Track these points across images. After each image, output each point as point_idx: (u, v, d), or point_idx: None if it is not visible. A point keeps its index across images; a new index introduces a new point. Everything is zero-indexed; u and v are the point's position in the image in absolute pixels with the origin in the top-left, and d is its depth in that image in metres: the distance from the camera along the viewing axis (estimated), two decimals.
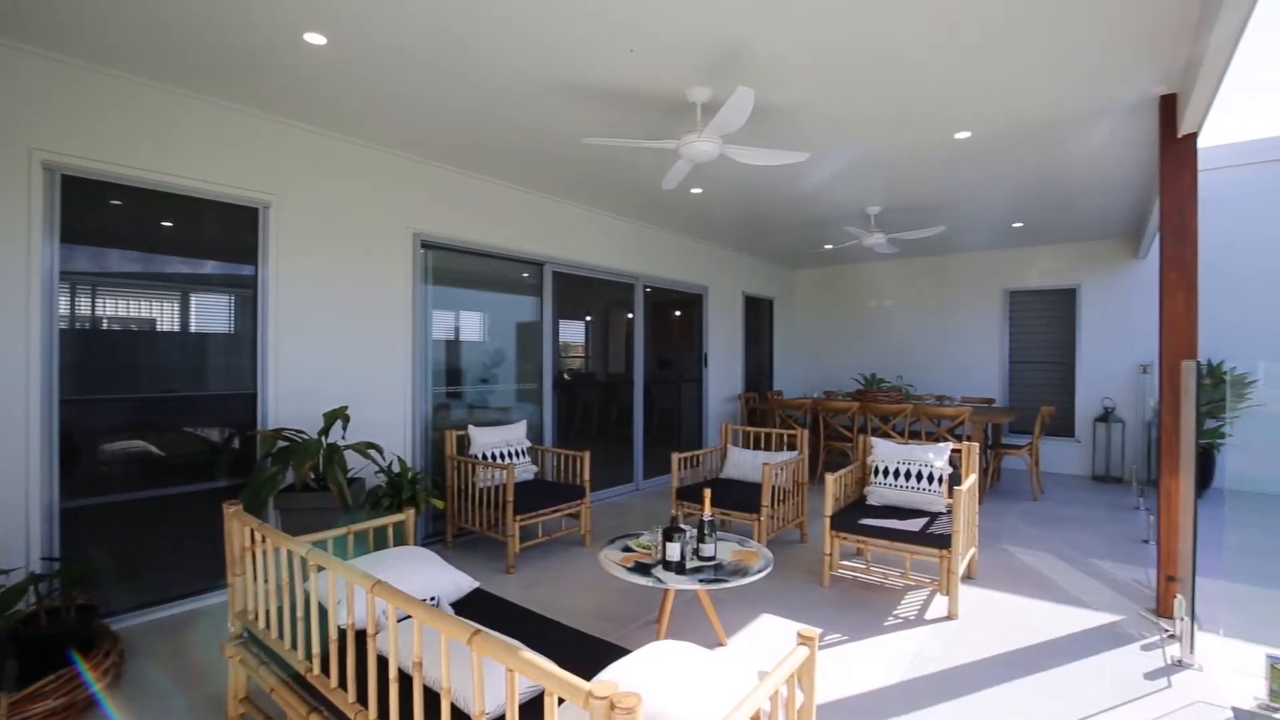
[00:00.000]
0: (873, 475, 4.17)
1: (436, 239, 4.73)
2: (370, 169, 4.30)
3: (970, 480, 3.79)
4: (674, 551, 2.91)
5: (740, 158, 3.57)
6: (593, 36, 2.86)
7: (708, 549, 3.00)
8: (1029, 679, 2.77)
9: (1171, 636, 3.13)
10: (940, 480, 3.93)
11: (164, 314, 3.62)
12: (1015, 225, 6.78)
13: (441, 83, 3.34)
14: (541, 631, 2.23)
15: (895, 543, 3.61)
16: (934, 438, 6.02)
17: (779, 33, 2.84)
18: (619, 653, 1.96)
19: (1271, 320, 6.45)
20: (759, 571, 2.93)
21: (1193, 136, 3.39)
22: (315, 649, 1.91)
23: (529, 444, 4.86)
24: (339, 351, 4.13)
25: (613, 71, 3.20)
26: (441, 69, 3.18)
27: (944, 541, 3.45)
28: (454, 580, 2.44)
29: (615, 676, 1.57)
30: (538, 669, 1.20)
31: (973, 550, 3.99)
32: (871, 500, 4.11)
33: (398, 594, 1.59)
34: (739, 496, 4.37)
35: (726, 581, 2.83)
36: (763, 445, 5.36)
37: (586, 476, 4.63)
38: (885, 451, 4.17)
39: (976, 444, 4.07)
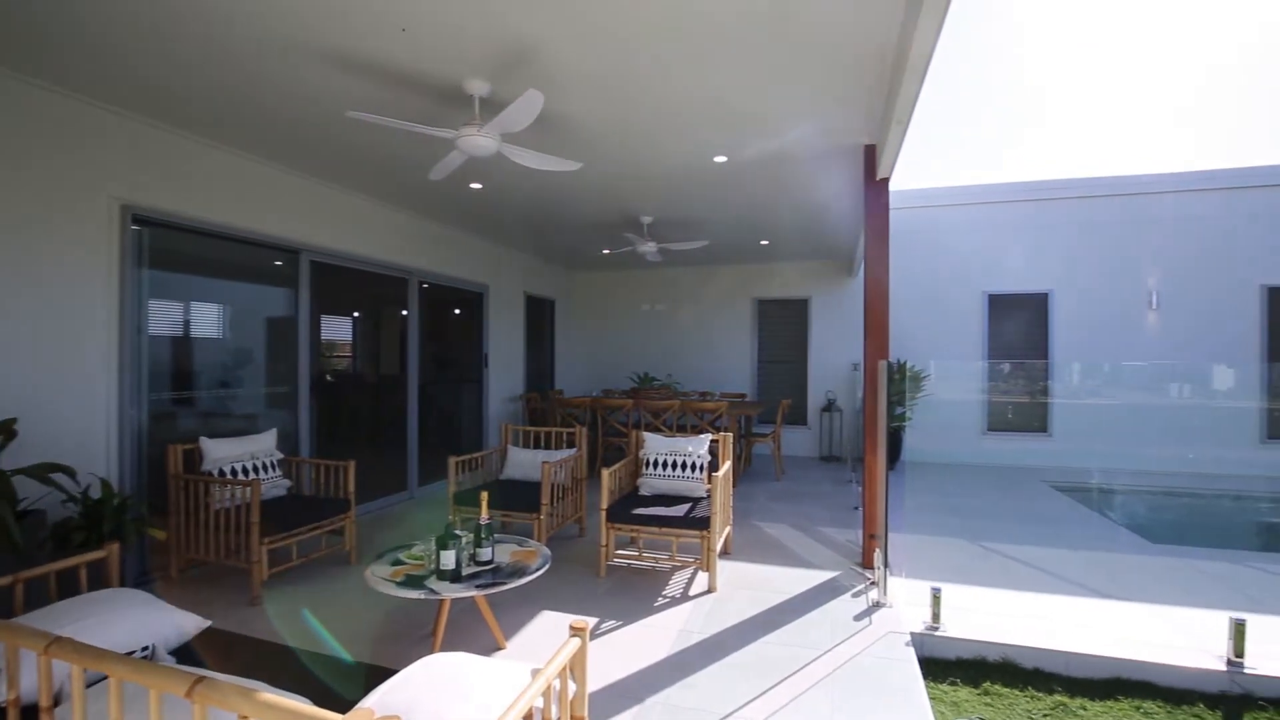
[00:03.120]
0: (644, 467, 4.46)
1: (155, 214, 3.91)
2: (55, 121, 3.40)
3: (726, 466, 4.25)
4: (449, 559, 2.80)
5: (516, 158, 3.57)
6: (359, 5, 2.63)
7: (485, 553, 2.95)
8: (772, 634, 3.21)
9: (873, 583, 3.87)
10: (701, 468, 4.35)
11: None
12: (763, 243, 7.78)
13: (154, 14, 2.76)
14: (294, 666, 2.00)
15: (664, 528, 3.91)
16: (698, 430, 6.63)
17: (562, 44, 2.90)
18: (387, 675, 1.83)
19: (942, 328, 8.47)
20: (537, 570, 2.96)
21: (885, 180, 4.22)
22: None
23: (280, 455, 4.28)
24: (7, 349, 3.22)
25: (383, 47, 2.96)
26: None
27: (704, 523, 3.82)
28: (175, 623, 2.05)
29: (379, 700, 1.47)
30: (279, 710, 1.07)
31: (728, 529, 4.49)
32: (643, 490, 4.39)
33: (87, 650, 1.29)
34: (519, 496, 4.35)
35: (505, 584, 2.81)
36: (543, 444, 5.41)
37: (351, 488, 4.23)
38: (655, 444, 4.49)
39: (731, 434, 4.59)
